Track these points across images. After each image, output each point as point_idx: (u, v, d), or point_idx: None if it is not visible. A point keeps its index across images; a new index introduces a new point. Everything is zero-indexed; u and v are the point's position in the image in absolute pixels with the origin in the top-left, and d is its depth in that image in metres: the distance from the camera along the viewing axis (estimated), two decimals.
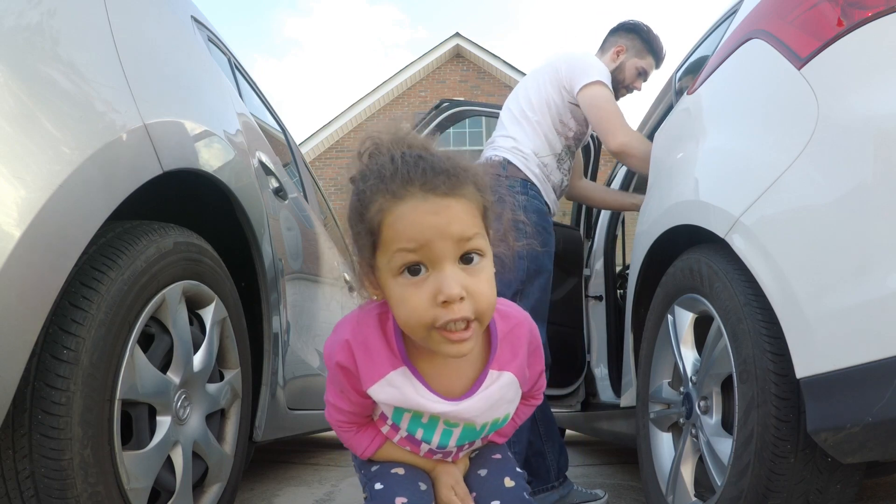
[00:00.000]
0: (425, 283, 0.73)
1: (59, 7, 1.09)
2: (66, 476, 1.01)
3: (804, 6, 1.28)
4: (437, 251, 0.72)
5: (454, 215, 0.73)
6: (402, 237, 0.72)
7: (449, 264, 0.73)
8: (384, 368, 0.84)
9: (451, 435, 0.91)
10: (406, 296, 0.74)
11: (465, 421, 0.88)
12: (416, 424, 0.90)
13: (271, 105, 2.73)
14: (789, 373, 1.11)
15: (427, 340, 0.76)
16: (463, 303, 0.73)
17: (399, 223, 0.73)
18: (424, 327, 0.74)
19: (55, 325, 1.02)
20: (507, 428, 1.02)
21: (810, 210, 1.11)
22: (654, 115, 2.71)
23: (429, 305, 0.73)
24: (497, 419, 0.92)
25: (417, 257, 0.73)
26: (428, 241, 0.72)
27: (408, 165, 0.74)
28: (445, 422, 0.89)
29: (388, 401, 0.85)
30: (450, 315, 0.72)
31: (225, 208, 1.61)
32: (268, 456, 3.44)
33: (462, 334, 0.74)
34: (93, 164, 1.03)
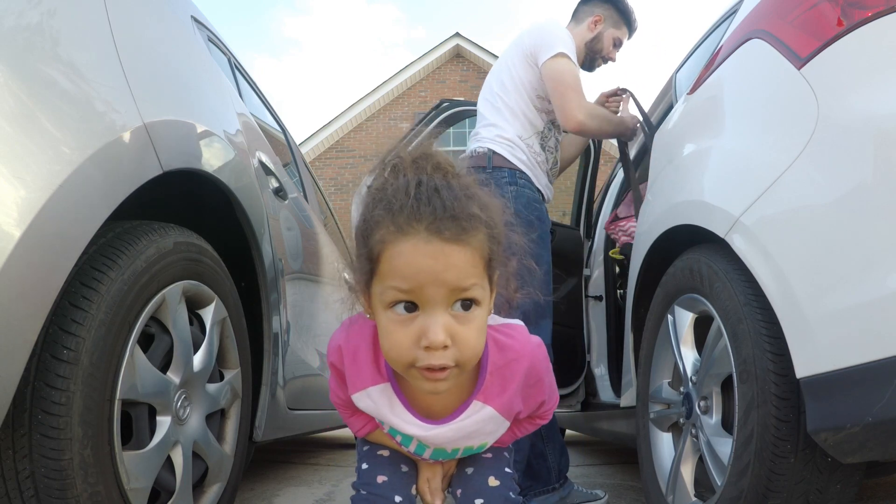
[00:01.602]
0: (412, 323, 0.73)
1: (59, 7, 1.09)
2: (66, 476, 1.01)
3: (804, 6, 1.28)
4: (429, 295, 0.71)
5: (454, 263, 0.71)
6: (397, 275, 0.72)
7: (440, 310, 0.72)
8: (365, 382, 0.86)
9: (425, 450, 0.95)
10: (392, 330, 0.74)
11: (435, 444, 0.92)
12: (394, 432, 0.95)
13: (271, 105, 2.73)
14: (789, 373, 1.11)
15: (405, 373, 0.77)
16: (446, 351, 0.72)
17: (397, 260, 0.71)
18: (404, 364, 0.75)
19: (55, 325, 1.02)
20: (507, 437, 1.02)
21: (810, 210, 1.11)
22: (654, 115, 2.71)
23: (411, 345, 0.73)
24: (470, 447, 0.94)
25: (409, 297, 0.72)
26: (421, 285, 0.71)
27: (420, 200, 0.71)
28: (419, 443, 0.94)
29: (365, 410, 0.90)
30: (429, 360, 0.72)
31: (225, 208, 1.61)
32: (268, 456, 3.44)
33: (438, 374, 0.73)
34: (93, 164, 1.03)
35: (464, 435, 0.87)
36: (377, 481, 0.95)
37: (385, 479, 0.95)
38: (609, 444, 4.02)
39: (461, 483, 0.99)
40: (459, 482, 1.00)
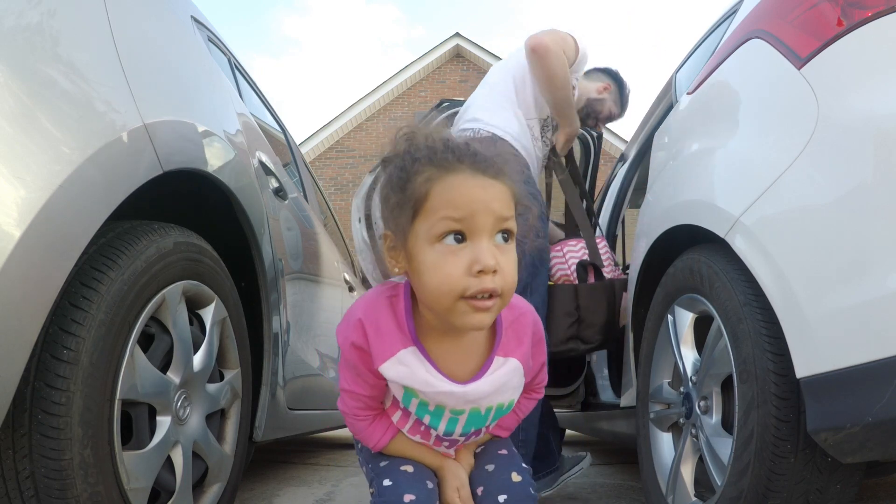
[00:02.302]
0: (462, 253, 0.77)
1: (59, 7, 1.09)
2: (66, 476, 1.01)
3: (804, 6, 1.28)
4: (479, 223, 0.77)
5: (497, 195, 0.78)
6: (449, 205, 0.77)
7: (486, 238, 0.77)
8: (395, 347, 0.86)
9: (457, 422, 0.92)
10: (442, 262, 0.77)
11: (471, 405, 0.90)
12: (423, 410, 0.91)
13: (271, 105, 2.73)
14: (789, 373, 1.11)
15: (450, 311, 0.78)
16: (495, 276, 0.77)
17: (448, 193, 0.77)
18: (454, 295, 0.77)
19: (55, 325, 1.02)
20: (510, 421, 1.04)
21: (810, 210, 1.11)
22: (654, 115, 2.71)
23: (463, 274, 0.76)
24: (501, 405, 0.93)
25: (460, 226, 0.77)
26: (473, 212, 0.77)
27: (459, 147, 0.80)
28: (452, 410, 0.90)
29: (397, 379, 0.87)
30: (481, 285, 0.76)
31: (225, 208, 1.61)
32: (268, 456, 3.44)
33: (486, 303, 0.77)
34: (93, 164, 1.03)
35: (497, 388, 0.89)
36: (404, 500, 0.90)
37: (413, 499, 0.90)
38: (609, 444, 4.02)
39: (482, 480, 0.97)
40: (479, 480, 0.98)
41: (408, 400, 0.91)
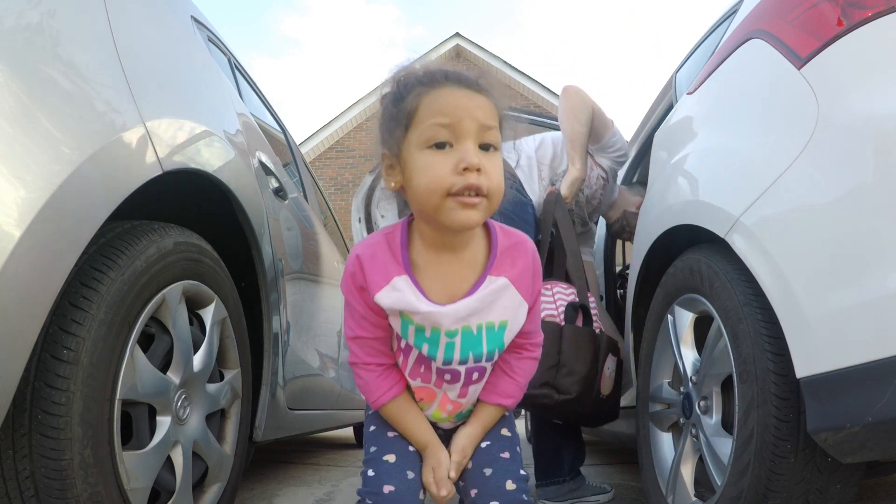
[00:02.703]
0: (449, 155, 0.84)
1: (59, 7, 1.09)
2: (66, 476, 1.01)
3: (804, 6, 1.28)
4: (464, 128, 0.84)
5: (481, 105, 0.86)
6: (437, 113, 0.85)
7: (471, 142, 0.85)
8: (389, 275, 0.92)
9: (454, 347, 0.94)
10: (431, 163, 0.84)
11: (461, 322, 0.93)
12: (420, 338, 0.94)
13: (271, 105, 2.73)
14: (789, 373, 1.11)
15: (439, 209, 0.85)
16: (479, 175, 0.83)
17: (437, 102, 0.86)
18: (442, 193, 0.84)
19: (55, 325, 1.02)
20: (511, 387, 1.03)
21: (810, 210, 1.11)
22: (654, 115, 2.71)
23: (450, 172, 0.83)
24: (492, 324, 0.95)
25: (447, 132, 0.84)
26: (459, 119, 0.84)
27: (447, 70, 0.89)
28: (446, 332, 0.93)
29: (392, 305, 0.91)
30: (466, 181, 0.83)
31: (225, 208, 1.61)
32: (268, 456, 3.44)
33: (473, 199, 0.83)
34: (93, 164, 1.03)
35: (485, 304, 0.93)
36: (384, 491, 0.94)
37: (392, 489, 0.94)
38: (609, 444, 4.02)
39: (477, 483, 1.00)
40: (476, 482, 1.00)
41: (405, 329, 0.94)
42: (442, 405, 1.03)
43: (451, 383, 1.00)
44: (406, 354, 0.99)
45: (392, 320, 0.95)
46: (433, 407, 1.04)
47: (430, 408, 1.04)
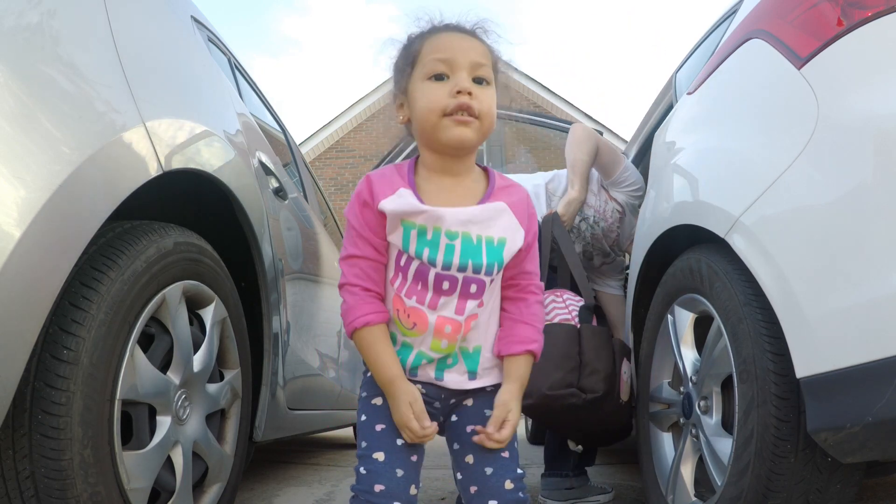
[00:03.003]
0: (445, 84, 0.97)
1: (59, 7, 1.09)
2: (66, 476, 1.01)
3: (804, 6, 1.28)
4: (458, 62, 0.97)
5: (474, 46, 1.00)
6: (436, 50, 0.99)
7: (464, 73, 0.97)
8: (395, 185, 1.00)
9: (454, 250, 0.98)
10: (430, 90, 0.98)
11: (462, 227, 0.98)
12: (422, 243, 0.98)
13: (271, 105, 2.73)
14: (789, 373, 1.11)
15: (437, 128, 0.97)
16: (471, 98, 0.95)
17: (436, 42, 1.00)
18: (438, 112, 0.96)
19: (55, 325, 1.03)
20: (530, 332, 1.03)
21: (810, 210, 1.12)
22: (654, 115, 2.71)
23: (445, 95, 0.96)
24: (491, 239, 1.00)
25: (444, 66, 0.98)
26: (454, 53, 0.98)
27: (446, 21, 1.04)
28: (447, 233, 0.98)
29: (395, 208, 0.98)
30: (459, 101, 0.95)
31: (225, 208, 1.61)
32: (268, 456, 3.44)
33: (466, 118, 0.96)
34: (93, 164, 1.03)
35: (486, 216, 1.00)
36: (374, 490, 0.96)
37: (382, 488, 0.97)
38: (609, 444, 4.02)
39: (477, 481, 1.01)
40: (475, 479, 1.01)
41: (407, 237, 0.98)
42: (438, 328, 1.00)
43: (448, 294, 1.00)
44: (404, 272, 1.00)
45: (393, 236, 0.99)
46: (429, 335, 1.01)
47: (426, 337, 1.01)
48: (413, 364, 1.01)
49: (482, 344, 1.04)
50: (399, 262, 1.01)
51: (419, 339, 1.01)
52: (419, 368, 1.02)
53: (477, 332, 1.03)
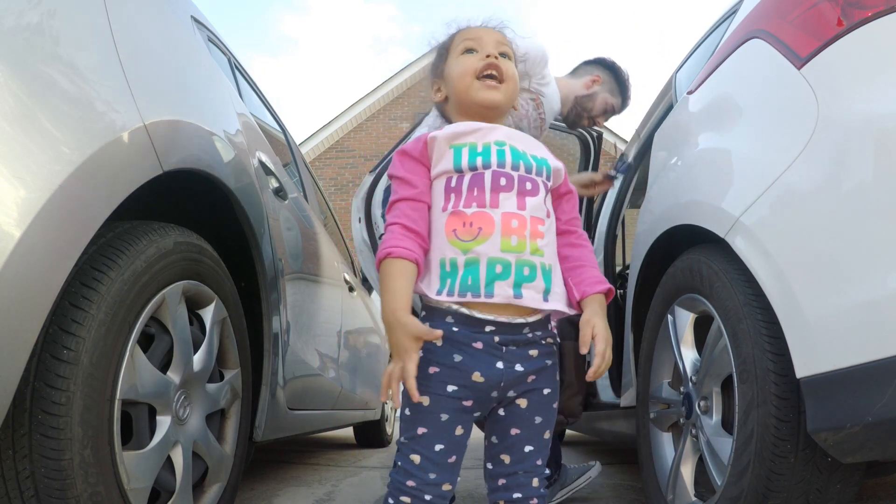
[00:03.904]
0: (475, 55, 1.13)
1: (59, 7, 1.09)
2: (66, 476, 1.01)
3: (804, 6, 1.28)
4: (484, 42, 1.14)
5: (498, 35, 1.16)
6: (467, 35, 1.16)
7: (490, 48, 1.13)
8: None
9: (504, 153, 1.06)
10: (463, 60, 1.13)
11: (508, 139, 1.08)
12: (473, 154, 1.05)
13: (271, 105, 2.72)
14: (789, 373, 1.11)
15: (469, 88, 1.11)
16: (497, 62, 1.11)
17: (466, 32, 1.17)
18: (472, 75, 1.10)
19: (55, 325, 1.03)
20: (594, 272, 1.07)
21: (810, 210, 1.12)
22: (654, 115, 2.71)
23: (476, 61, 1.11)
24: (535, 154, 1.09)
25: (474, 43, 1.14)
26: (481, 36, 1.15)
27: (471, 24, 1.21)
28: (496, 142, 1.07)
29: (446, 133, 1.07)
30: (488, 62, 1.10)
31: (225, 208, 1.61)
32: (268, 456, 3.44)
33: (493, 82, 1.10)
34: (93, 164, 1.03)
35: (525, 140, 1.11)
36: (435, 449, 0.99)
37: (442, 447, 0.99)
38: (609, 444, 4.02)
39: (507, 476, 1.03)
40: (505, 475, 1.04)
41: (459, 154, 1.05)
42: (505, 224, 0.99)
43: (507, 189, 1.02)
44: (457, 191, 1.03)
45: (441, 164, 1.06)
46: (497, 236, 0.99)
47: (495, 238, 0.99)
48: (487, 279, 0.98)
49: (553, 265, 1.04)
50: (450, 186, 1.04)
51: (487, 243, 0.99)
52: (495, 285, 0.98)
53: (549, 247, 1.04)
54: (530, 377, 1.01)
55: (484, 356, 0.98)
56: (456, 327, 0.99)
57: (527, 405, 1.02)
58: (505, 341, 0.99)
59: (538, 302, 0.99)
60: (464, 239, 0.99)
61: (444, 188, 1.04)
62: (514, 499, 1.02)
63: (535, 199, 1.03)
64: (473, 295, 0.97)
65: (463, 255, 0.98)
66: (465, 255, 0.98)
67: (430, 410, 0.98)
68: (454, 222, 1.00)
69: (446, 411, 0.98)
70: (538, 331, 1.03)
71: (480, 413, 1.03)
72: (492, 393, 1.00)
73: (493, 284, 0.97)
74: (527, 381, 1.01)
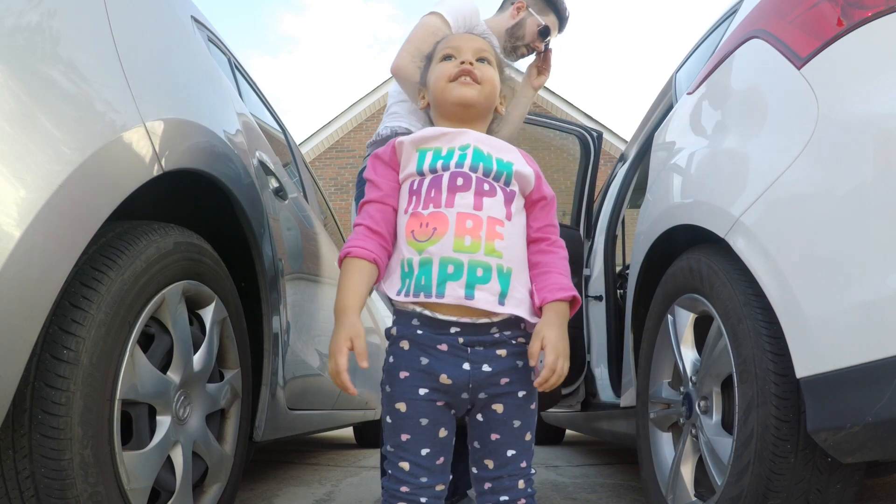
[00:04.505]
0: (453, 60, 1.15)
1: (59, 7, 1.09)
2: (66, 476, 1.01)
3: (804, 6, 1.28)
4: (464, 49, 1.15)
5: (479, 42, 1.17)
6: (449, 45, 1.17)
7: (468, 54, 1.14)
8: None
9: (466, 156, 1.06)
10: (441, 66, 1.15)
11: (473, 141, 1.08)
12: (436, 158, 1.06)
13: (271, 105, 2.73)
14: (789, 373, 1.11)
15: (445, 90, 1.12)
16: (472, 67, 1.12)
17: (449, 41, 1.19)
18: (447, 78, 1.12)
19: (55, 325, 1.03)
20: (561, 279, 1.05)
21: (810, 210, 1.12)
22: (654, 115, 2.71)
23: (453, 67, 1.13)
24: (500, 159, 1.08)
25: (452, 51, 1.16)
26: (460, 43, 1.16)
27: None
28: (460, 147, 1.08)
29: (412, 137, 1.09)
30: (461, 68, 1.11)
31: (225, 208, 1.61)
32: (268, 456, 3.44)
33: (468, 80, 1.11)
34: (93, 164, 1.03)
35: (495, 144, 1.11)
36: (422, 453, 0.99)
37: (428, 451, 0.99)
38: (609, 444, 4.02)
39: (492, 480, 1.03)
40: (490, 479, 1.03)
41: (422, 157, 1.07)
42: (459, 223, 0.99)
43: (463, 189, 1.02)
44: (418, 192, 1.05)
45: (407, 168, 1.07)
46: (450, 235, 0.99)
47: (448, 237, 0.99)
48: (439, 279, 0.98)
49: (514, 268, 1.02)
50: (412, 188, 1.06)
51: (439, 243, 0.99)
52: (447, 285, 0.98)
53: (509, 250, 1.02)
54: (503, 379, 1.00)
55: (449, 358, 0.99)
56: (420, 330, 1.00)
57: (503, 410, 1.01)
58: (470, 342, 0.99)
59: (492, 304, 0.99)
60: (420, 239, 1.00)
61: (408, 191, 1.06)
62: (501, 502, 1.02)
63: (493, 199, 1.03)
64: (426, 295, 0.98)
65: (418, 255, 1.00)
66: (420, 255, 1.00)
67: (409, 416, 0.98)
68: (412, 223, 1.02)
69: (424, 415, 0.98)
70: (507, 331, 1.02)
71: (456, 412, 1.03)
72: (461, 395, 1.00)
73: (445, 284, 0.98)
74: (500, 384, 1.00)
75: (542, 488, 2.42)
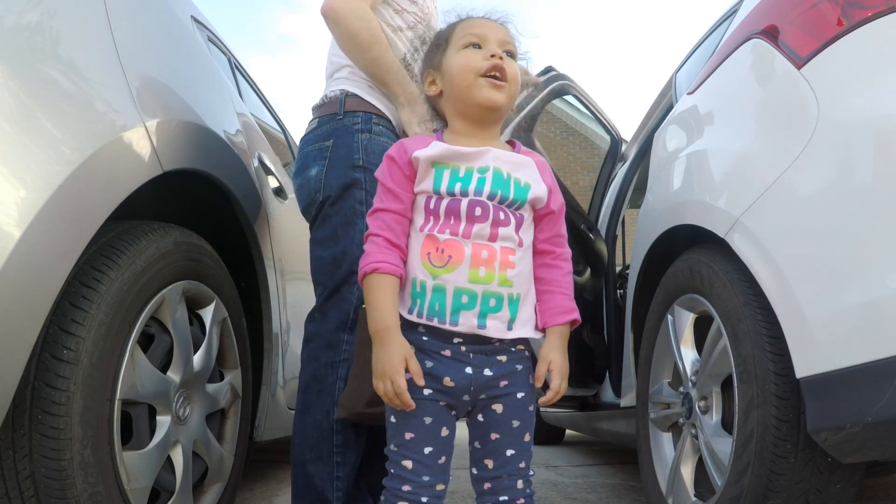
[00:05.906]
0: (479, 51, 1.07)
1: (59, 7, 1.09)
2: (66, 476, 1.01)
3: (804, 6, 1.28)
4: (490, 37, 1.09)
5: (502, 29, 1.12)
6: (471, 28, 1.11)
7: (495, 45, 1.07)
8: (428, 142, 1.07)
9: (485, 182, 1.03)
10: (466, 55, 1.07)
11: (492, 162, 1.05)
12: (454, 179, 1.03)
13: (271, 105, 2.73)
14: (789, 373, 1.11)
15: (472, 87, 1.05)
16: (503, 63, 1.05)
17: (469, 24, 1.12)
18: (475, 73, 1.05)
19: (55, 325, 1.03)
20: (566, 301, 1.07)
21: (810, 210, 1.12)
22: (654, 115, 2.71)
23: (480, 59, 1.06)
24: (518, 180, 1.05)
25: (478, 39, 1.08)
26: (486, 31, 1.09)
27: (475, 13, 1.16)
28: (479, 168, 1.04)
29: (430, 153, 1.04)
30: (493, 62, 1.05)
31: (225, 208, 1.61)
32: (268, 456, 3.44)
33: (498, 82, 1.05)
34: (93, 164, 1.03)
35: (513, 162, 1.07)
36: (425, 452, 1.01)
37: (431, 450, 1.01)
38: (609, 444, 4.02)
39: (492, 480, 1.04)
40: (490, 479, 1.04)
41: (439, 176, 1.04)
42: (475, 255, 1.00)
43: (481, 220, 1.02)
44: (435, 213, 1.03)
45: (424, 183, 1.04)
46: (465, 266, 1.00)
47: (463, 268, 1.00)
48: (453, 307, 1.00)
49: (522, 293, 1.04)
50: (429, 207, 1.04)
51: (455, 272, 1.00)
52: (460, 314, 1.00)
53: (519, 277, 1.03)
54: (502, 382, 1.03)
55: (453, 363, 1.01)
56: (426, 337, 1.02)
57: (503, 410, 1.04)
58: (472, 350, 1.02)
59: (501, 332, 1.02)
60: (435, 264, 1.01)
61: (424, 207, 1.05)
62: (500, 501, 1.03)
63: (507, 228, 1.03)
64: (440, 321, 1.00)
65: (432, 279, 1.01)
66: (434, 280, 1.01)
67: (414, 415, 1.00)
68: (428, 246, 1.02)
69: (429, 414, 1.00)
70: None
71: (457, 413, 1.05)
72: (463, 396, 1.02)
73: (459, 314, 1.00)
74: (499, 386, 1.03)
75: (542, 488, 2.42)
